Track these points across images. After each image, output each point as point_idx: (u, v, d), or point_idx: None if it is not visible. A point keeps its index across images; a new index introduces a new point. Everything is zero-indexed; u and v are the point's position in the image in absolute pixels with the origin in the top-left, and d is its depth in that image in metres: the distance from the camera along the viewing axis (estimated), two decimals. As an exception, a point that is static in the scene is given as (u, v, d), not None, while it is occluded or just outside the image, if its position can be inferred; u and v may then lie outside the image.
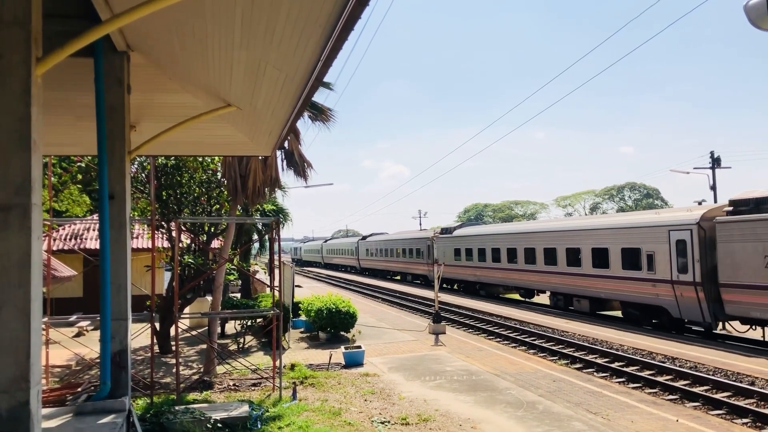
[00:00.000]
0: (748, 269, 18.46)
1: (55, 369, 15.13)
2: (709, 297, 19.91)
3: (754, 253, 18.30)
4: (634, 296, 23.38)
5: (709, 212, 20.58)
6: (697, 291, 20.27)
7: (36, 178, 4.36)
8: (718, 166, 41.14)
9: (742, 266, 18.69)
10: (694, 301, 20.38)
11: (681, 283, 20.94)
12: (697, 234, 20.35)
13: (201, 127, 9.73)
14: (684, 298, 20.86)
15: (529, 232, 32.29)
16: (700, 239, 20.26)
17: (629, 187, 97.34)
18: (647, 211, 28.57)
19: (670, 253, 21.46)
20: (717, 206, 21.27)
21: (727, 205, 20.02)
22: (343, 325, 20.52)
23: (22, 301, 4.23)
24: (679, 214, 22.29)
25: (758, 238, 18.18)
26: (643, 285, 22.77)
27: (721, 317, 19.94)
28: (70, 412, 7.13)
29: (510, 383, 13.85)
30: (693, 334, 21.81)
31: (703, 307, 20.12)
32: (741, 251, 18.73)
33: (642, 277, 22.79)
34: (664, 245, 21.75)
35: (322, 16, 5.07)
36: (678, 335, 20.85)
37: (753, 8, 3.56)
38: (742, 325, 19.61)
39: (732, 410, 12.44)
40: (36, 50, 4.38)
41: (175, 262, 14.26)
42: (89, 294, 24.06)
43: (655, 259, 22.22)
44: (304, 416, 11.07)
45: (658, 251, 22.06)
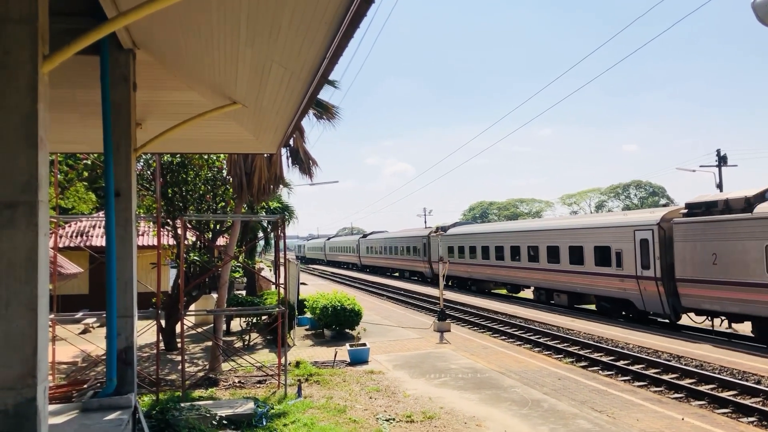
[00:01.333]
0: (699, 266, 20.37)
1: (61, 366, 15.19)
2: (668, 291, 21.85)
3: (704, 252, 20.21)
4: (606, 290, 25.36)
5: (668, 214, 22.63)
6: (657, 285, 22.20)
7: (43, 176, 4.37)
8: (724, 164, 40.98)
9: (694, 263, 20.61)
10: (656, 294, 22.32)
11: (644, 278, 22.87)
12: (657, 234, 22.33)
13: (206, 124, 9.74)
14: (647, 292, 22.81)
15: (514, 231, 34.38)
16: (660, 238, 22.22)
17: (635, 185, 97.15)
18: (617, 213, 32.25)
19: (635, 251, 23.37)
20: (675, 209, 23.48)
21: (683, 208, 22.15)
22: (348, 323, 20.54)
23: (29, 298, 4.25)
24: (643, 215, 24.71)
25: (708, 238, 20.15)
26: (612, 280, 24.74)
27: (678, 309, 21.80)
28: (76, 408, 7.16)
29: (515, 381, 13.84)
30: (657, 325, 23.35)
31: (663, 300, 22.10)
32: (693, 250, 20.69)
33: (612, 273, 24.72)
34: (630, 244, 23.66)
35: (328, 14, 5.07)
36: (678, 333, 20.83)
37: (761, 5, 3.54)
38: (696, 316, 21.42)
39: (738, 409, 12.41)
40: (43, 48, 4.39)
41: (180, 259, 14.28)
42: (95, 291, 24.15)
43: (622, 256, 24.07)
44: (309, 413, 11.09)
45: (625, 249, 23.93)
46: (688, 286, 20.89)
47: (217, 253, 19.18)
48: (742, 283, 18.77)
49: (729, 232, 19.45)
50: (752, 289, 18.41)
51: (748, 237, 18.71)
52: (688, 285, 20.88)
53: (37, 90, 4.32)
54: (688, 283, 20.88)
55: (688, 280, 20.86)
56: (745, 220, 18.86)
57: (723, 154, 40.97)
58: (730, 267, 19.25)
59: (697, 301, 20.61)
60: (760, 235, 18.30)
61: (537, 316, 25.54)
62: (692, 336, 20.36)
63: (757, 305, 18.32)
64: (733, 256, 19.21)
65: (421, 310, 30.93)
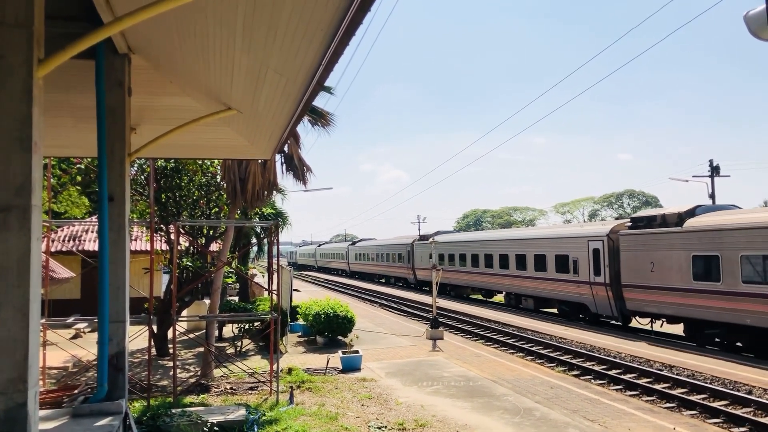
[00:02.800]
0: (640, 273, 22.80)
1: (52, 371, 15.10)
2: (616, 295, 24.22)
3: (644, 260, 22.63)
4: (565, 295, 27.82)
5: (616, 226, 25.18)
6: (607, 291, 24.61)
7: (36, 180, 4.36)
8: (717, 175, 41.20)
9: (637, 270, 23.02)
10: (606, 299, 24.74)
11: (596, 284, 25.31)
12: (607, 244, 24.79)
13: (201, 130, 9.74)
14: (599, 297, 25.26)
15: (488, 240, 37.12)
16: (609, 248, 24.67)
17: (628, 194, 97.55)
18: (575, 224, 36.43)
19: (589, 259, 25.78)
20: (623, 222, 25.94)
21: (629, 221, 24.93)
22: (341, 330, 20.50)
23: (21, 302, 4.23)
24: (596, 227, 27.59)
25: (647, 248, 22.60)
26: (570, 286, 27.15)
27: (625, 312, 24.17)
28: (67, 413, 7.13)
29: (507, 389, 13.83)
30: (610, 327, 25.33)
31: (612, 304, 24.51)
32: (636, 258, 23.10)
33: (570, 279, 27.13)
34: (585, 253, 26.11)
35: (323, 21, 5.09)
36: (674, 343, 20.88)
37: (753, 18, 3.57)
38: (641, 318, 23.92)
39: (729, 419, 12.44)
40: (38, 52, 4.39)
41: (173, 264, 14.25)
42: (87, 296, 24.02)
43: (578, 264, 26.52)
44: (300, 420, 11.05)
45: (581, 258, 26.37)
46: (632, 291, 23.32)
47: (210, 259, 19.15)
48: (674, 288, 21.17)
49: (664, 243, 21.91)
50: (683, 293, 20.82)
51: (679, 248, 21.17)
52: (632, 290, 23.31)
53: (32, 94, 4.31)
54: (631, 288, 23.31)
55: (631, 285, 23.29)
56: (677, 233, 21.35)
57: (716, 164, 41.20)
58: (665, 274, 21.63)
59: (640, 304, 23.05)
60: (688, 246, 20.74)
61: (530, 325, 25.57)
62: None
63: (687, 308, 20.73)
64: (667, 265, 21.59)
65: (414, 317, 30.92)
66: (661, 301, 21.79)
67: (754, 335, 18.62)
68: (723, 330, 19.94)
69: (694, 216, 21.32)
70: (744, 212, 20.75)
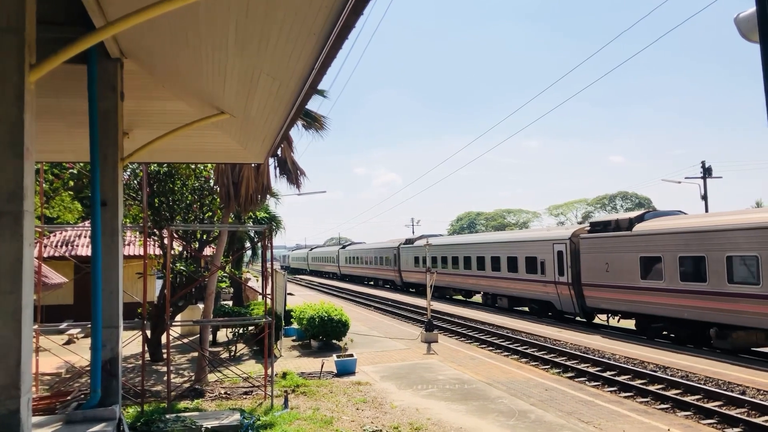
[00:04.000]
0: (597, 273, 24.92)
1: (45, 377, 15.03)
2: (577, 294, 26.29)
3: (600, 261, 24.74)
4: (534, 294, 29.89)
5: (577, 230, 27.36)
6: (570, 289, 26.66)
7: (28, 185, 4.35)
8: (709, 176, 41.39)
9: (594, 271, 25.11)
10: (569, 297, 26.82)
11: (560, 283, 27.40)
12: (569, 247, 26.86)
13: (194, 134, 9.72)
14: (563, 295, 27.35)
15: (467, 243, 39.28)
16: (571, 250, 26.73)
17: (621, 196, 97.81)
18: (542, 229, 39.73)
19: (554, 261, 27.85)
20: (583, 226, 28.24)
21: (588, 226, 27.05)
22: (335, 334, 20.47)
23: (13, 308, 4.21)
24: (560, 231, 29.71)
25: (602, 250, 24.74)
26: (538, 285, 29.27)
27: (585, 309, 26.21)
28: (59, 420, 7.08)
29: (502, 392, 13.84)
30: (577, 323, 27.36)
31: (574, 302, 26.61)
32: (594, 260, 25.20)
33: (538, 279, 29.24)
34: (551, 255, 28.17)
35: (316, 25, 5.09)
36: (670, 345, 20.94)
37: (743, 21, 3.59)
38: (599, 314, 26.03)
39: (723, 420, 12.47)
40: (29, 57, 4.38)
41: (166, 269, 14.20)
42: (80, 301, 23.93)
43: (545, 265, 28.60)
44: (295, 425, 11.03)
45: (547, 260, 28.46)
46: (590, 289, 25.44)
47: (204, 263, 19.09)
48: (625, 287, 23.30)
49: (616, 246, 24.04)
50: (632, 291, 22.94)
51: (629, 250, 23.28)
52: (590, 289, 25.43)
53: (24, 99, 4.30)
54: (590, 287, 25.43)
55: (590, 284, 25.41)
56: (627, 236, 23.49)
57: (708, 166, 41.39)
58: (617, 274, 23.74)
59: (597, 301, 25.20)
60: (636, 248, 22.89)
61: (524, 327, 25.60)
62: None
63: (636, 304, 22.84)
64: (619, 265, 23.65)
65: (408, 320, 30.93)
66: (615, 298, 23.97)
67: (691, 328, 20.76)
68: (666, 324, 22.04)
69: (643, 221, 23.56)
70: (684, 218, 22.79)
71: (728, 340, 19.31)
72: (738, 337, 19.22)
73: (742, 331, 19.08)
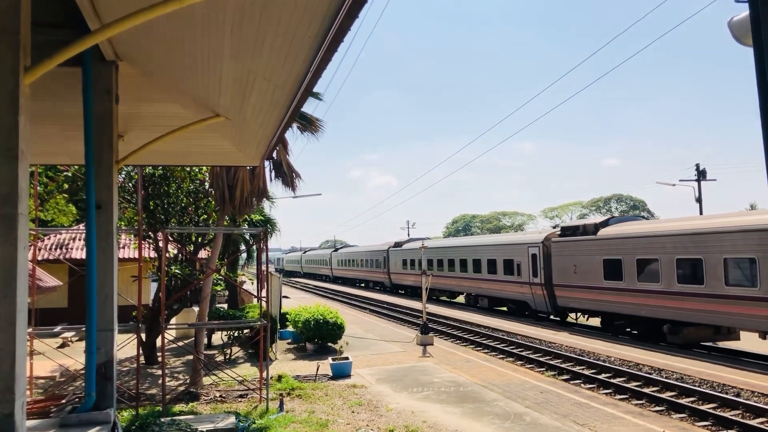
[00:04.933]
0: (566, 274, 26.73)
1: (39, 380, 14.97)
2: (549, 294, 28.06)
3: (569, 263, 26.56)
4: (512, 294, 31.78)
5: (549, 234, 29.24)
6: (543, 290, 28.43)
7: (23, 188, 4.34)
8: (703, 179, 41.53)
9: (564, 272, 26.91)
10: (542, 297, 28.63)
11: (534, 284, 29.21)
12: (542, 250, 28.70)
13: (189, 137, 9.71)
14: (536, 295, 29.17)
15: (451, 246, 41.02)
16: (543, 253, 28.57)
17: (616, 198, 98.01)
18: (519, 233, 44.53)
19: (529, 263, 29.75)
20: (554, 231, 30.05)
21: (558, 230, 29.07)
22: (331, 336, 20.45)
23: (8, 312, 4.20)
24: (534, 235, 31.57)
25: (571, 253, 26.58)
26: (515, 286, 31.15)
27: (557, 308, 27.99)
28: (54, 424, 7.06)
29: (497, 395, 13.85)
30: (551, 322, 29.07)
31: (546, 301, 28.39)
32: (564, 262, 27.02)
33: (515, 281, 31.18)
34: (526, 257, 30.09)
35: (312, 28, 5.10)
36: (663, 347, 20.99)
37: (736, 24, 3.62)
38: (570, 313, 28.11)
39: (718, 422, 12.51)
40: (24, 59, 4.37)
41: (161, 272, 14.18)
42: (74, 304, 23.82)
43: (521, 267, 30.51)
44: (291, 428, 11.01)
45: (523, 262, 30.35)
46: (561, 289, 27.25)
47: (199, 266, 19.06)
48: (591, 287, 25.05)
49: (583, 249, 25.86)
50: (597, 291, 24.69)
51: (594, 253, 25.08)
52: (560, 289, 27.25)
53: (18, 102, 4.29)
54: (560, 287, 27.24)
55: (560, 285, 27.21)
56: (592, 240, 25.37)
57: (702, 168, 41.53)
58: (584, 275, 25.50)
59: (567, 301, 26.99)
60: (600, 251, 24.70)
61: (519, 329, 25.65)
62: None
63: (600, 303, 24.59)
64: (585, 267, 25.42)
65: (403, 323, 30.96)
66: (582, 297, 25.77)
67: (648, 324, 22.43)
68: (627, 321, 23.82)
69: (607, 226, 25.47)
70: (641, 223, 25.05)
71: (680, 335, 20.86)
72: (688, 332, 20.78)
73: (692, 327, 20.63)
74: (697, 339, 20.95)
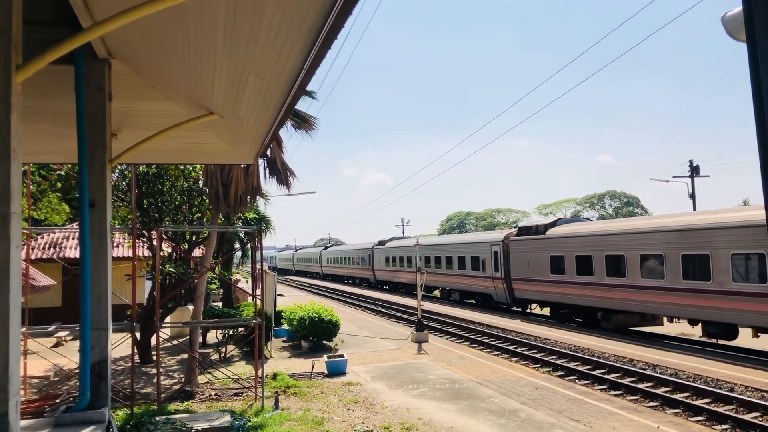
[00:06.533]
0: (522, 269, 30.20)
1: (33, 380, 14.92)
2: (508, 287, 31.59)
3: (524, 260, 29.97)
4: (478, 288, 35.18)
5: (508, 234, 32.83)
6: (503, 283, 31.90)
7: (15, 187, 4.31)
8: (696, 175, 41.63)
9: (520, 267, 30.43)
10: (503, 290, 32.13)
11: (496, 278, 32.67)
12: (502, 248, 32.16)
13: (183, 135, 9.67)
14: (498, 288, 32.70)
15: (428, 245, 42.85)
16: (503, 251, 32.03)
17: (609, 195, 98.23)
18: (484, 232, 49.44)
19: (492, 259, 33.15)
20: (512, 231, 33.43)
21: (516, 230, 32.75)
22: (326, 334, 20.45)
23: (1, 311, 4.18)
24: (496, 234, 35.50)
25: (525, 251, 30.08)
26: (481, 280, 34.58)
27: (515, 300, 31.52)
28: (48, 423, 7.03)
29: (493, 391, 13.87)
30: (513, 313, 32.05)
31: (506, 294, 31.94)
32: (520, 258, 30.52)
33: (480, 275, 34.60)
34: (489, 254, 33.51)
35: (305, 25, 5.08)
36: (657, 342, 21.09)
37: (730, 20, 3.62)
38: (529, 304, 31.86)
39: (712, 416, 12.56)
40: (16, 57, 4.34)
41: (156, 271, 14.14)
42: (68, 303, 23.76)
43: (486, 263, 33.84)
44: (286, 426, 11.01)
45: (487, 259, 33.68)
46: (517, 283, 30.70)
47: (193, 265, 19.01)
48: (541, 280, 28.36)
49: (534, 247, 29.19)
50: (545, 284, 27.98)
51: (543, 250, 28.32)
52: (517, 282, 30.70)
53: (10, 100, 4.26)
54: (517, 281, 30.71)
55: (517, 279, 30.70)
56: (542, 239, 28.67)
57: (696, 165, 41.63)
58: (535, 270, 28.79)
59: (523, 293, 30.47)
60: (548, 249, 27.89)
61: (513, 326, 25.70)
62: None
63: (549, 294, 27.97)
64: (536, 263, 28.66)
65: (399, 320, 30.99)
66: (534, 290, 29.16)
67: (586, 312, 25.73)
68: (570, 310, 26.90)
69: (555, 226, 28.78)
70: (582, 224, 28.44)
71: (611, 321, 24.12)
72: (618, 319, 24.08)
73: (621, 314, 23.92)
74: (625, 325, 24.16)
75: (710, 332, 20.01)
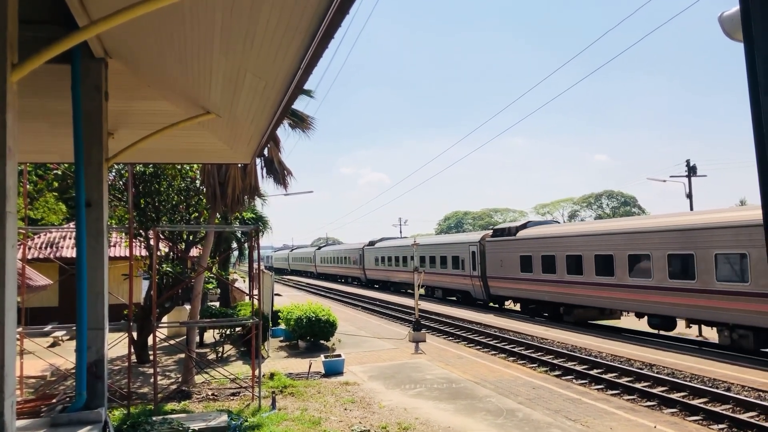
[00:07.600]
0: (496, 268, 32.56)
1: (29, 380, 14.88)
2: (485, 285, 33.99)
3: (498, 259, 32.34)
4: (459, 286, 37.64)
5: (485, 235, 35.26)
6: (480, 281, 34.28)
7: (11, 186, 4.30)
8: (693, 175, 41.63)
9: (494, 266, 32.78)
10: (480, 287, 34.49)
11: (474, 277, 35.00)
12: (479, 248, 34.58)
13: (180, 134, 9.66)
14: (475, 286, 35.08)
15: (409, 246, 43.69)
16: (480, 251, 34.46)
17: (607, 194, 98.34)
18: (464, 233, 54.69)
19: (470, 259, 35.42)
20: (488, 232, 35.97)
21: (491, 232, 35.12)
22: (323, 334, 20.43)
23: (-4, 311, 4.16)
24: (474, 235, 37.84)
25: (499, 250, 32.45)
26: (460, 279, 36.98)
27: (491, 297, 33.90)
28: (45, 423, 7.01)
29: (490, 391, 13.87)
30: (489, 309, 34.32)
31: (483, 291, 34.31)
32: (494, 258, 32.78)
33: (460, 274, 36.89)
34: (468, 254, 35.78)
35: (302, 24, 5.07)
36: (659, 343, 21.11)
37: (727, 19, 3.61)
38: (501, 300, 34.54)
39: (709, 416, 12.57)
40: (11, 56, 4.33)
41: (153, 270, 14.11)
42: (65, 303, 23.72)
43: (465, 262, 36.10)
44: (283, 426, 10.99)
45: (466, 258, 35.95)
46: (492, 281, 33.10)
47: (191, 264, 18.99)
48: (512, 278, 30.84)
49: (506, 247, 31.63)
50: (516, 281, 30.49)
51: (514, 251, 30.80)
52: (492, 280, 33.08)
53: (6, 99, 4.25)
54: (492, 279, 33.08)
55: (492, 277, 33.09)
56: (513, 240, 31.22)
57: (692, 164, 41.65)
58: (507, 269, 31.25)
59: (497, 290, 32.86)
60: (518, 249, 30.36)
61: (511, 326, 25.72)
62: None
63: (519, 291, 30.57)
64: (509, 262, 31.08)
65: (396, 320, 31.00)
66: (507, 287, 31.67)
67: (551, 307, 28.17)
68: (537, 305, 29.35)
69: (525, 228, 31.08)
70: (548, 227, 30.44)
71: (572, 315, 26.53)
72: (578, 313, 26.39)
73: (580, 309, 26.23)
74: (585, 318, 26.43)
75: (653, 324, 22.30)
